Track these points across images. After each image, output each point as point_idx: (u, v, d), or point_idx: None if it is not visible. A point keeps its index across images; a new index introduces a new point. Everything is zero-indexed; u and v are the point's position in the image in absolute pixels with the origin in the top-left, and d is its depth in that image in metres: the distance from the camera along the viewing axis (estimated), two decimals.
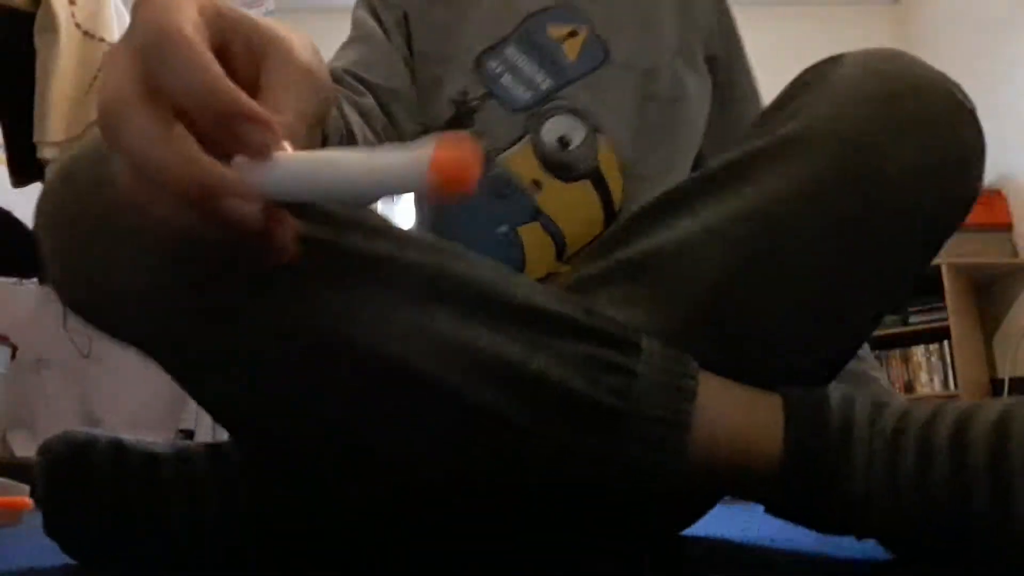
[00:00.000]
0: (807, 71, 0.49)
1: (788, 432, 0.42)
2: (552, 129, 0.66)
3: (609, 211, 0.66)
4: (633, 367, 0.42)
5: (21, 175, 1.64)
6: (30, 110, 1.51)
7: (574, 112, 0.67)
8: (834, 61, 0.47)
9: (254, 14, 0.33)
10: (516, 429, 0.41)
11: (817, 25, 3.66)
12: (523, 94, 0.68)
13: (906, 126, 0.43)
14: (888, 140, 0.43)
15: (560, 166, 0.65)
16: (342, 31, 0.81)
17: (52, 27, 1.49)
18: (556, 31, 0.70)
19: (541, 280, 0.64)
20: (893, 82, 0.45)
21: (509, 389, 0.41)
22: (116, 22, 1.64)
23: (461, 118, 0.70)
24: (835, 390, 0.44)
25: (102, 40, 1.59)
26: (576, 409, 0.41)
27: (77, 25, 1.55)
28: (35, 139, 1.52)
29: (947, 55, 3.40)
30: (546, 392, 0.41)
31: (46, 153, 1.53)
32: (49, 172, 1.57)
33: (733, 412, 0.43)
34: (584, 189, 0.65)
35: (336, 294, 0.40)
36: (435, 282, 0.41)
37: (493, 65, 0.70)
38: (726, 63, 0.77)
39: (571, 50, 0.69)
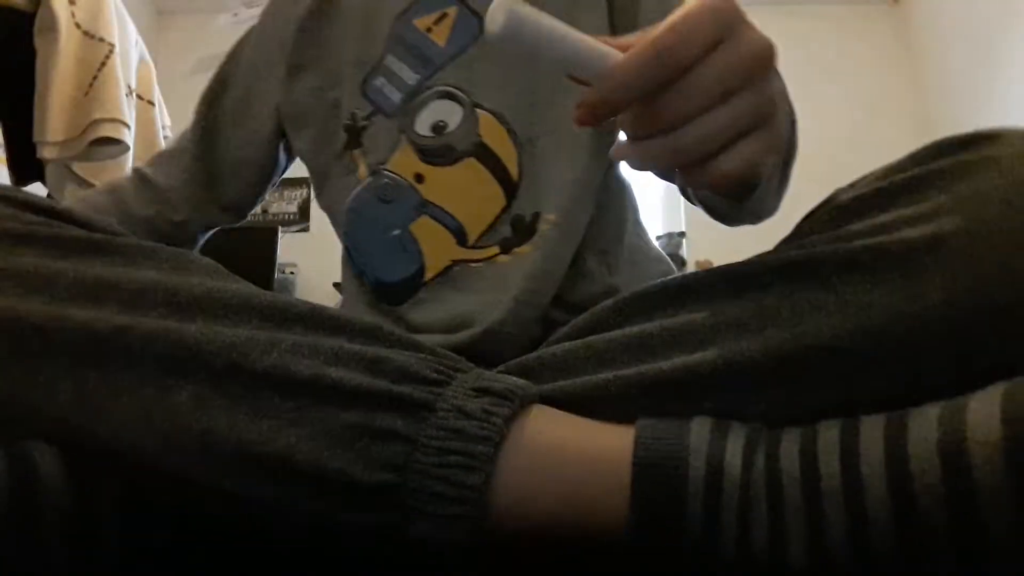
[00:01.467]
0: (939, 150, 0.39)
1: (634, 496, 0.34)
2: (426, 119, 0.65)
3: (506, 183, 0.62)
4: (413, 434, 0.35)
5: (21, 175, 1.64)
6: (30, 110, 1.51)
7: (448, 95, 0.64)
8: (982, 143, 0.38)
9: (252, 14, 0.33)
10: (290, 511, 0.36)
11: (817, 25, 3.66)
12: (396, 97, 0.67)
13: None
14: None
15: (438, 151, 0.63)
16: None
17: (52, 27, 1.49)
18: (423, 22, 0.68)
19: (446, 269, 0.62)
20: None
21: (254, 475, 0.35)
22: (116, 22, 1.64)
23: (350, 141, 0.69)
24: (701, 424, 0.36)
25: (102, 40, 1.58)
26: (338, 489, 0.35)
27: (77, 25, 1.54)
28: (35, 139, 1.51)
29: (947, 55, 3.40)
30: (294, 474, 0.35)
31: (46, 153, 1.53)
32: (51, 172, 1.57)
33: (560, 473, 0.36)
34: (470, 167, 0.62)
35: (65, 378, 0.37)
36: (173, 356, 0.36)
37: (377, 82, 0.68)
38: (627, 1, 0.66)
39: (439, 36, 0.67)
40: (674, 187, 0.68)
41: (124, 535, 0.39)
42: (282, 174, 0.83)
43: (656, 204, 3.66)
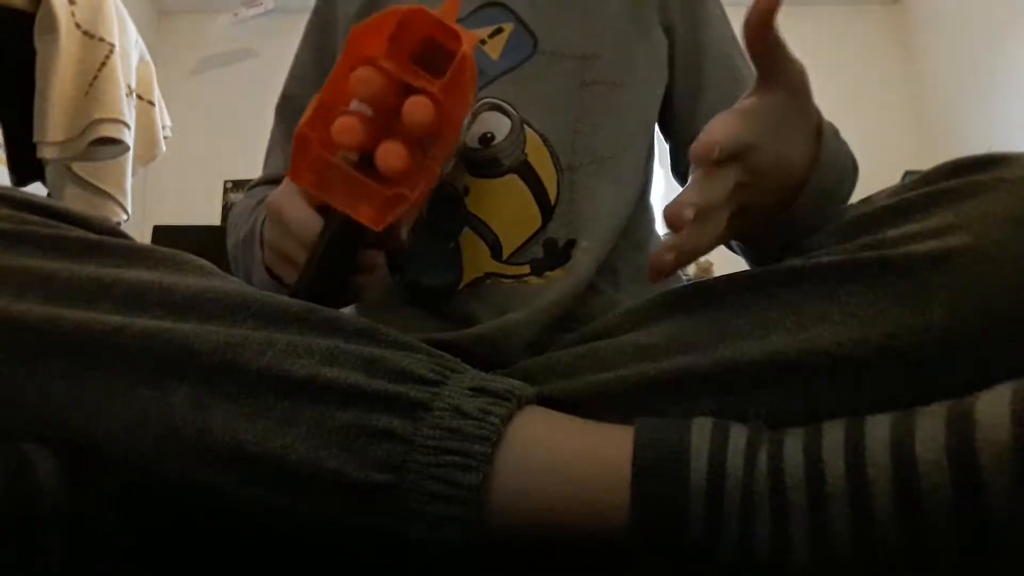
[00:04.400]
0: (948, 171, 0.40)
1: (634, 496, 0.34)
2: (476, 130, 0.63)
3: (544, 205, 0.62)
4: (410, 433, 0.35)
5: (21, 175, 1.64)
6: (30, 110, 1.51)
7: (496, 107, 0.64)
8: (992, 164, 0.38)
9: (252, 14, 0.33)
10: (287, 511, 0.37)
11: (817, 25, 3.65)
12: None
13: None
14: None
15: (484, 163, 0.62)
16: None
17: (52, 27, 1.49)
18: (479, 34, 0.67)
19: (478, 280, 0.61)
20: None
21: (251, 475, 0.36)
22: (116, 22, 1.64)
23: None
24: (702, 425, 0.36)
25: (102, 40, 1.58)
26: (334, 489, 0.35)
27: (77, 25, 1.54)
28: (35, 139, 1.51)
29: (947, 55, 3.39)
30: (290, 474, 0.35)
31: (46, 153, 1.52)
32: (51, 172, 1.57)
33: (558, 473, 0.36)
34: (511, 183, 0.62)
35: (60, 379, 0.37)
36: (168, 356, 0.36)
37: None
38: (691, 45, 0.69)
39: (493, 49, 0.66)
40: (674, 188, 0.68)
41: (122, 536, 0.39)
42: None
43: (656, 204, 3.66)
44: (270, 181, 0.76)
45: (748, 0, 0.38)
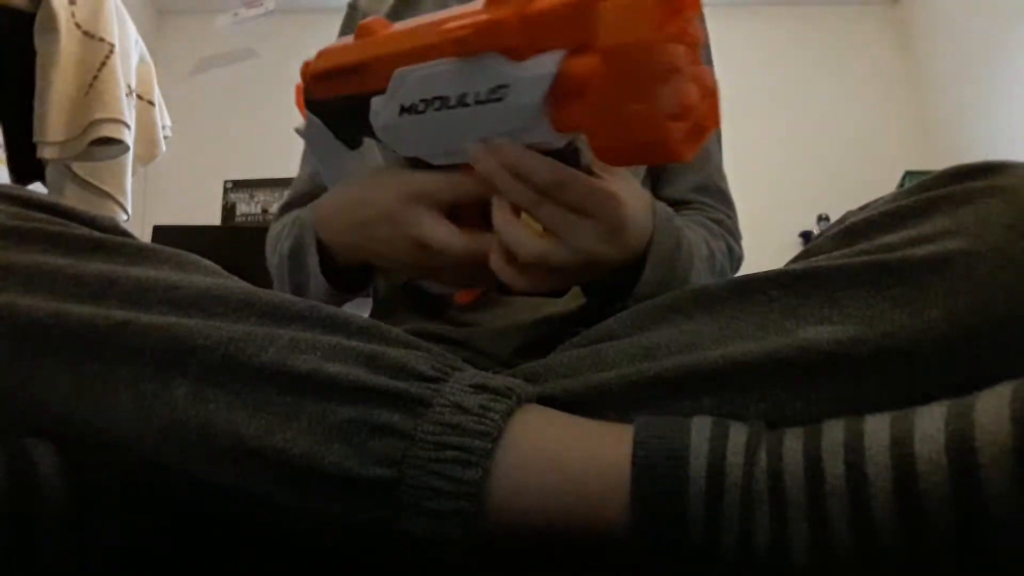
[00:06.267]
0: (945, 178, 0.40)
1: (634, 495, 0.34)
2: None
3: None
4: (410, 428, 0.35)
5: (21, 175, 1.64)
6: (30, 110, 1.51)
7: None
8: (988, 172, 0.39)
9: (252, 14, 0.33)
10: (288, 506, 0.37)
11: (817, 25, 3.66)
12: None
13: None
14: None
15: None
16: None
17: (52, 27, 1.49)
18: None
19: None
20: None
21: (252, 470, 0.36)
22: (116, 22, 1.64)
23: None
24: (701, 423, 0.36)
25: (102, 40, 1.58)
26: (335, 484, 0.35)
27: (77, 25, 1.54)
28: (35, 139, 1.51)
29: (947, 55, 3.40)
30: (291, 468, 0.35)
31: (46, 153, 1.53)
32: (51, 172, 1.57)
33: (558, 471, 0.36)
34: None
35: (64, 373, 0.37)
36: (171, 350, 0.37)
37: None
38: None
39: None
40: None
41: (123, 535, 0.39)
42: None
43: None
44: (302, 197, 0.75)
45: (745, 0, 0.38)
